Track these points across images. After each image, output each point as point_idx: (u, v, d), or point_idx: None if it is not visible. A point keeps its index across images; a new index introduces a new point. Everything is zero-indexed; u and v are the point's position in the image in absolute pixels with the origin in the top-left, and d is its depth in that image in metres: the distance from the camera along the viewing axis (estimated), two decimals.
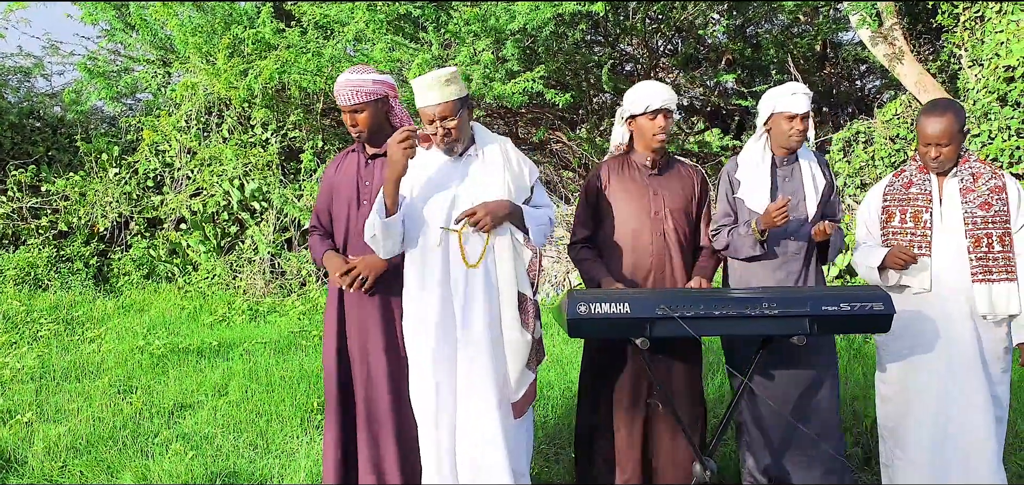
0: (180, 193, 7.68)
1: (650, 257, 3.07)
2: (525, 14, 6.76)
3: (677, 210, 3.09)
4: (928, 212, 2.93)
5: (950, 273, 2.88)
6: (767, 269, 3.10)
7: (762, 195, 3.07)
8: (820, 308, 2.65)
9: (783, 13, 8.74)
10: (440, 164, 2.71)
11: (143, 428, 4.08)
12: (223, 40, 7.29)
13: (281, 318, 6.33)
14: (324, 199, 3.02)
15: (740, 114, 9.11)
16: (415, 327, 2.69)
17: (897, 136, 7.58)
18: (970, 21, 6.59)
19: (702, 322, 2.65)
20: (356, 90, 2.79)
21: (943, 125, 2.81)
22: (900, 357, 3.01)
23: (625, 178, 3.11)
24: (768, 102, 3.10)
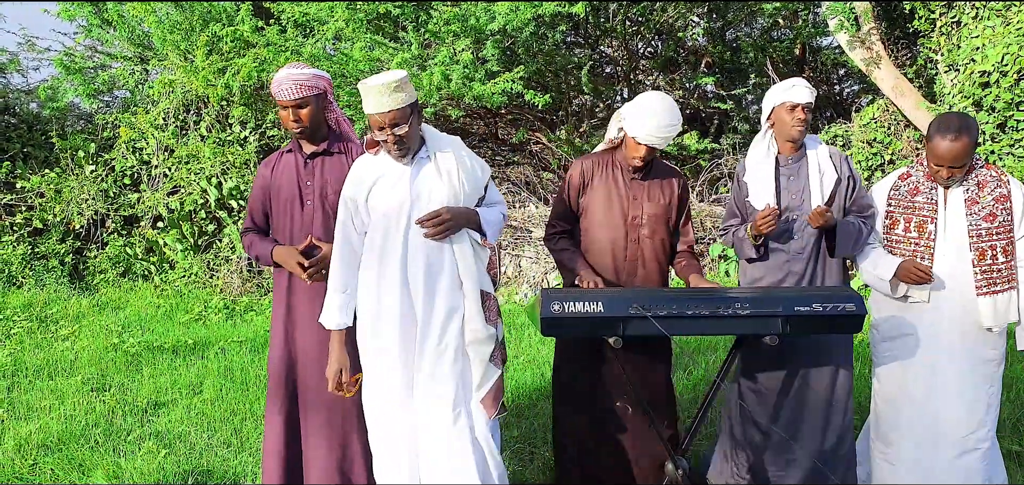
0: (157, 191, 7.60)
1: (623, 261, 3.08)
2: (505, 14, 6.77)
3: (655, 216, 3.09)
4: (933, 223, 2.92)
5: (949, 283, 2.89)
6: (771, 270, 3.13)
7: (767, 195, 3.09)
8: (793, 308, 2.67)
9: (762, 17, 8.82)
10: (393, 168, 2.63)
11: (116, 426, 4.04)
12: (201, 37, 7.24)
13: (258, 317, 6.28)
14: (259, 199, 2.98)
15: (719, 117, 9.18)
16: (372, 327, 2.62)
17: (874, 140, 7.68)
18: (946, 26, 6.69)
19: (675, 321, 2.66)
20: (298, 84, 2.76)
21: (959, 148, 2.75)
22: (891, 358, 3.05)
23: (607, 178, 3.11)
24: (770, 98, 3.11)
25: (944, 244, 2.91)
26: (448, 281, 2.61)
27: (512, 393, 4.34)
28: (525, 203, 8.48)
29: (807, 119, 3.08)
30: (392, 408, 2.61)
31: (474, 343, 2.65)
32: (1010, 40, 5.93)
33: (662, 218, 3.11)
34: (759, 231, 2.98)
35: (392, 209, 2.58)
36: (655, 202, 3.10)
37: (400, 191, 2.60)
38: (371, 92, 2.48)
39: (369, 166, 2.66)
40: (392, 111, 2.49)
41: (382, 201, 2.60)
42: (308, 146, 2.90)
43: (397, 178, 2.61)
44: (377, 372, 2.63)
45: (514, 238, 7.75)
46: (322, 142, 2.89)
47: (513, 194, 8.75)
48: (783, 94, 3.07)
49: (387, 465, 2.64)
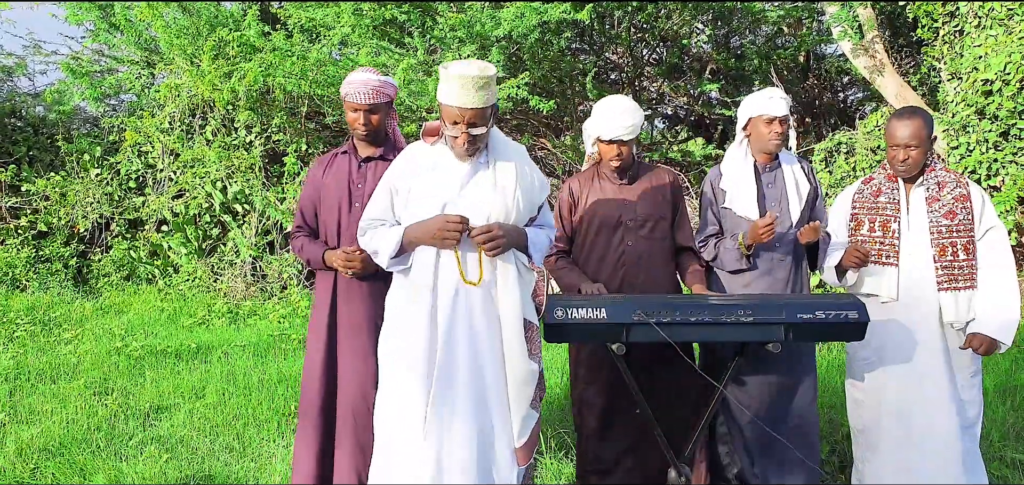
0: (162, 195, 7.62)
1: (623, 265, 3.09)
2: (511, 21, 6.78)
3: (650, 215, 3.10)
4: (896, 221, 2.97)
5: (917, 281, 2.92)
6: (752, 278, 3.12)
7: (749, 202, 3.10)
8: (795, 316, 2.67)
9: (767, 24, 8.82)
10: (447, 163, 2.47)
11: (118, 430, 4.04)
12: (208, 42, 7.26)
13: (261, 321, 6.29)
14: (310, 199, 2.96)
15: (723, 123, 9.18)
16: (395, 340, 2.48)
17: (878, 148, 7.66)
18: (949, 35, 6.68)
19: (678, 328, 2.66)
20: (373, 89, 2.78)
21: (911, 129, 2.86)
22: (869, 363, 3.05)
23: (596, 189, 3.13)
24: (746, 107, 3.13)
25: (909, 243, 2.94)
26: (485, 306, 2.45)
27: None
28: None
29: (784, 131, 3.10)
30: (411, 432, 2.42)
31: (515, 382, 2.48)
32: (1012, 49, 5.92)
33: (657, 216, 3.11)
34: (758, 240, 2.97)
35: (432, 209, 2.42)
36: (647, 200, 3.11)
37: (448, 189, 2.44)
38: (455, 81, 2.30)
39: (422, 155, 2.51)
40: (474, 109, 2.33)
41: (424, 197, 2.44)
42: (364, 149, 2.90)
43: (449, 175, 2.46)
44: (398, 386, 2.46)
45: None
46: (378, 147, 2.89)
47: None
48: (761, 106, 3.08)
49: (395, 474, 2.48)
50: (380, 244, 2.50)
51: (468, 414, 2.43)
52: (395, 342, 2.50)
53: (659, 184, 3.15)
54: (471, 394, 2.44)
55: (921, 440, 2.89)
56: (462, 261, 2.43)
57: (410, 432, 2.42)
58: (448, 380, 2.42)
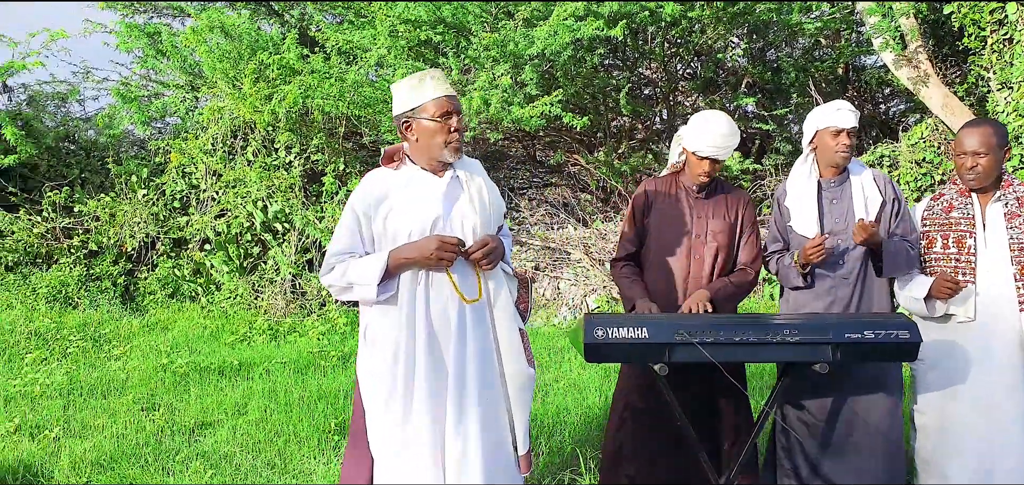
0: (205, 214, 7.80)
1: (687, 280, 3.06)
2: (544, 39, 6.82)
3: (719, 233, 3.08)
4: (971, 237, 2.86)
5: (996, 300, 2.82)
6: (816, 295, 3.08)
7: (809, 221, 3.05)
8: (843, 336, 2.61)
9: (804, 36, 8.72)
10: (421, 183, 2.46)
11: (165, 445, 4.12)
12: (249, 66, 7.44)
13: (301, 338, 6.37)
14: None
15: (760, 137, 9.08)
16: (389, 367, 2.41)
17: (923, 160, 7.50)
18: (998, 43, 6.53)
19: (722, 348, 2.62)
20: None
21: (979, 136, 2.80)
22: (938, 387, 2.94)
23: (671, 200, 3.13)
24: (813, 120, 3.09)
25: (986, 259, 2.84)
26: (480, 319, 2.47)
27: (553, 418, 4.32)
28: (563, 224, 8.48)
29: (852, 144, 3.04)
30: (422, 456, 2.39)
31: (516, 389, 2.52)
32: None
33: (727, 235, 3.09)
34: (808, 260, 2.93)
35: (421, 227, 2.40)
36: (719, 219, 3.09)
37: (431, 208, 2.42)
38: (436, 77, 2.41)
39: (387, 179, 2.47)
40: (456, 98, 2.43)
41: (407, 219, 2.41)
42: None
43: (428, 194, 2.44)
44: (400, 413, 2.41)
45: (553, 260, 7.75)
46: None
47: (551, 215, 8.76)
48: (827, 118, 3.03)
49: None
50: (360, 275, 2.39)
51: (484, 429, 2.44)
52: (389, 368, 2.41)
53: (734, 203, 3.14)
54: (484, 410, 2.46)
55: (999, 471, 2.79)
56: (456, 280, 2.43)
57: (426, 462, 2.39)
58: (461, 401, 2.42)
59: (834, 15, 8.17)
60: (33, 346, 6.03)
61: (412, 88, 2.42)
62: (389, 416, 2.42)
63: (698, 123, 2.98)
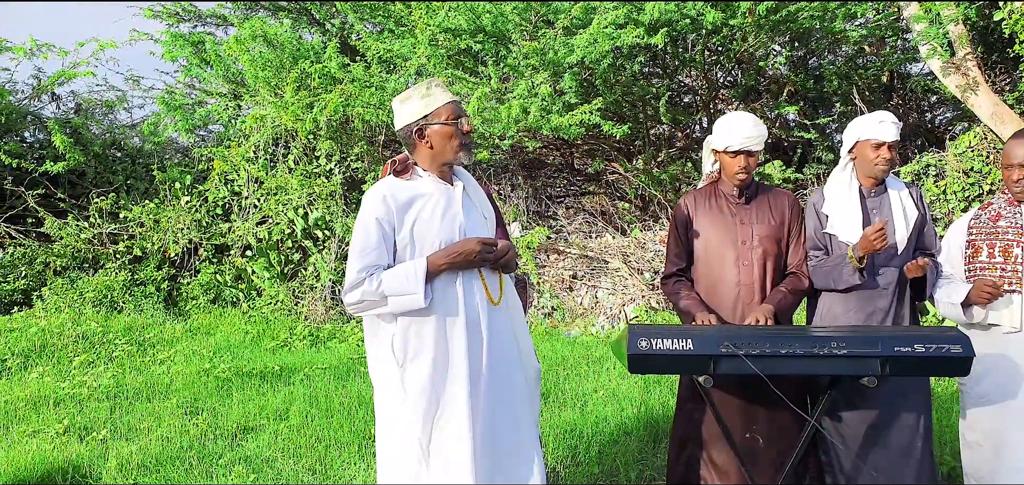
0: (247, 221, 7.93)
1: (737, 287, 3.02)
2: (584, 47, 6.81)
3: (766, 237, 3.04)
4: (1019, 246, 2.81)
5: None
6: (854, 304, 3.01)
7: (854, 225, 2.99)
8: (892, 349, 2.56)
9: (847, 44, 8.57)
10: (436, 192, 2.49)
11: (208, 449, 4.19)
12: (291, 74, 7.56)
13: (341, 345, 6.44)
14: None
15: (802, 146, 8.94)
16: (430, 384, 2.40)
17: (971, 169, 7.30)
18: None
19: (768, 360, 2.58)
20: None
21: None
22: (988, 401, 2.86)
23: (713, 209, 3.10)
24: (854, 130, 3.04)
25: None
26: (504, 319, 2.55)
27: (592, 428, 4.29)
28: (601, 233, 8.44)
29: (892, 158, 2.99)
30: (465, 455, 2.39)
31: (530, 382, 2.64)
32: None
33: (774, 238, 3.05)
34: (872, 247, 2.83)
35: (451, 233, 2.45)
36: (764, 223, 3.05)
37: (454, 215, 2.48)
38: (437, 84, 2.51)
39: (404, 189, 2.46)
40: (460, 102, 2.52)
41: (434, 225, 2.44)
42: None
43: (444, 201, 2.49)
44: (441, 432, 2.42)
45: (591, 269, 7.71)
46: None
47: (590, 223, 8.72)
48: (869, 130, 2.98)
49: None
50: (400, 284, 2.35)
51: (519, 423, 2.53)
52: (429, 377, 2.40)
53: (777, 205, 3.10)
54: (518, 408, 2.55)
55: None
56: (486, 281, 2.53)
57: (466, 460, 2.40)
58: (500, 398, 2.49)
59: (879, 22, 8.01)
60: (81, 349, 6.18)
61: (422, 97, 2.48)
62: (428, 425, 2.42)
63: (723, 124, 2.99)
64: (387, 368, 2.44)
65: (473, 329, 2.46)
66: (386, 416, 2.48)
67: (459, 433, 2.41)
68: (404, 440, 2.41)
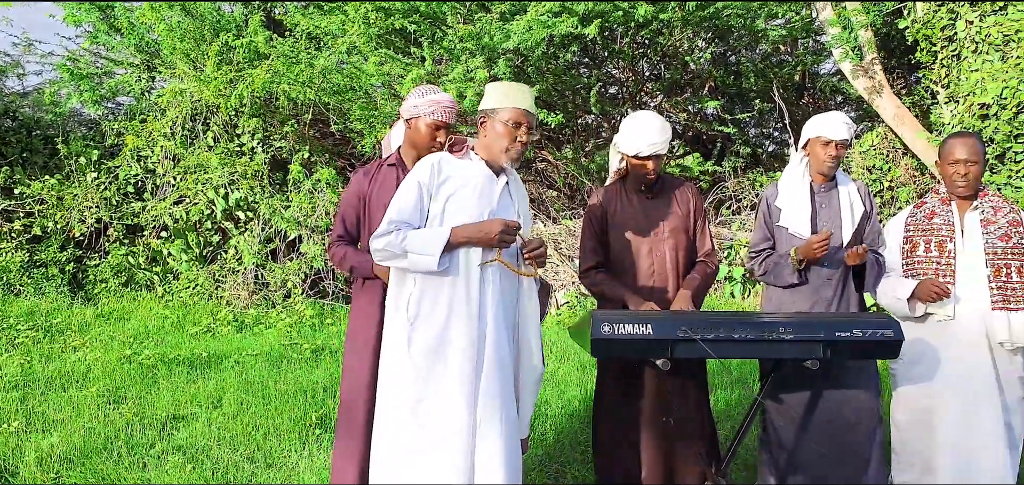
0: (163, 200, 7.54)
1: (654, 277, 3.14)
2: (520, 34, 6.83)
3: (675, 228, 3.17)
4: (952, 242, 3.04)
5: (971, 301, 2.99)
6: (801, 295, 3.17)
7: (803, 220, 3.16)
8: (834, 334, 2.72)
9: (765, 42, 8.96)
10: (479, 178, 2.61)
11: (136, 439, 4.00)
12: (212, 47, 7.23)
13: (268, 330, 6.25)
14: (354, 207, 2.99)
15: (721, 140, 9.30)
16: (437, 346, 2.51)
17: (874, 167, 7.82)
18: (947, 59, 6.84)
19: (722, 345, 2.71)
20: (453, 110, 2.93)
21: (970, 146, 2.99)
22: (918, 382, 3.09)
23: (624, 204, 3.20)
24: (808, 129, 3.21)
25: (964, 263, 3.01)
26: (508, 310, 2.62)
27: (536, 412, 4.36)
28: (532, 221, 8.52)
29: (840, 155, 3.16)
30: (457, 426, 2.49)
31: (530, 380, 2.69)
32: (1009, 75, 6.09)
33: (682, 228, 3.18)
34: (812, 255, 3.02)
35: (478, 214, 2.55)
36: (672, 214, 3.18)
37: (487, 202, 2.59)
38: (520, 88, 2.61)
39: (452, 163, 2.62)
40: (533, 115, 2.62)
41: (467, 204, 2.56)
42: (413, 164, 2.91)
43: (487, 190, 2.61)
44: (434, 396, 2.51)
45: None
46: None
47: None
48: (821, 128, 3.16)
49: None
50: (422, 244, 2.49)
51: (508, 405, 2.58)
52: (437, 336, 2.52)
53: (682, 196, 3.23)
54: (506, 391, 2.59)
55: (975, 464, 2.93)
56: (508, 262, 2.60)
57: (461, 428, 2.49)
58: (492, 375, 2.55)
59: (796, 23, 8.42)
60: None
61: (501, 91, 2.61)
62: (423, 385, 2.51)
63: (630, 128, 3.07)
64: (399, 323, 2.55)
65: (483, 312, 2.54)
66: (389, 368, 2.57)
67: (452, 400, 2.50)
68: (400, 395, 2.51)
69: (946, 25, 6.75)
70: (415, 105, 2.89)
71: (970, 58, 6.59)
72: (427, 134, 2.89)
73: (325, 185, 7.36)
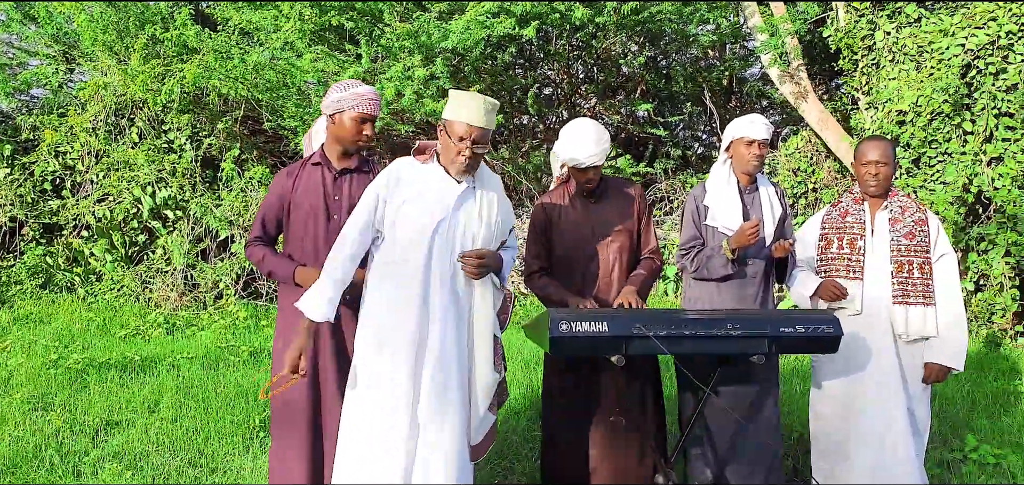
0: (87, 198, 7.20)
1: (599, 279, 3.21)
2: (459, 34, 6.83)
3: (619, 231, 3.24)
4: (862, 239, 3.24)
5: (878, 296, 3.19)
6: (727, 291, 3.31)
7: (734, 216, 3.28)
8: (778, 330, 2.86)
9: (696, 47, 9.23)
10: (437, 185, 2.62)
11: (68, 447, 3.82)
12: (139, 40, 6.95)
13: (202, 332, 6.06)
14: (275, 208, 2.94)
15: (653, 142, 9.53)
16: (377, 343, 2.55)
17: (798, 169, 8.17)
18: (867, 67, 7.23)
19: (673, 341, 2.80)
20: (377, 103, 2.88)
21: (881, 149, 3.19)
22: (836, 375, 3.28)
23: (568, 209, 3.25)
24: (730, 130, 3.34)
25: (872, 258, 3.22)
26: (461, 316, 2.63)
27: None
28: None
29: (763, 154, 3.31)
30: (396, 428, 2.53)
31: (481, 389, 2.69)
32: (924, 85, 6.48)
33: (626, 229, 3.26)
34: (746, 242, 3.15)
35: (426, 225, 2.56)
36: (616, 216, 3.25)
37: (439, 210, 2.58)
38: (472, 102, 2.55)
39: (414, 170, 2.64)
40: (481, 129, 2.56)
41: (417, 212, 2.57)
42: (340, 162, 2.89)
43: (441, 196, 2.60)
44: (381, 389, 2.55)
45: None
46: (353, 159, 2.91)
47: None
48: (742, 129, 3.30)
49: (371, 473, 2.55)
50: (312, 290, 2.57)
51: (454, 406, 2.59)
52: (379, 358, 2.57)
53: (626, 197, 3.31)
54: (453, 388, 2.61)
55: (884, 450, 3.12)
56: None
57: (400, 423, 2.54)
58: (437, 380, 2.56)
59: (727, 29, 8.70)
60: None
61: (453, 103, 2.59)
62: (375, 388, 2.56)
63: (569, 139, 3.10)
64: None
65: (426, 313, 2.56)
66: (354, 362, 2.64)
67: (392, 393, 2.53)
68: (353, 386, 2.61)
69: (866, 35, 7.13)
70: (337, 99, 2.83)
71: (888, 67, 6.98)
72: (352, 128, 2.84)
73: (258, 183, 7.18)
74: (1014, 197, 6.14)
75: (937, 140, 6.51)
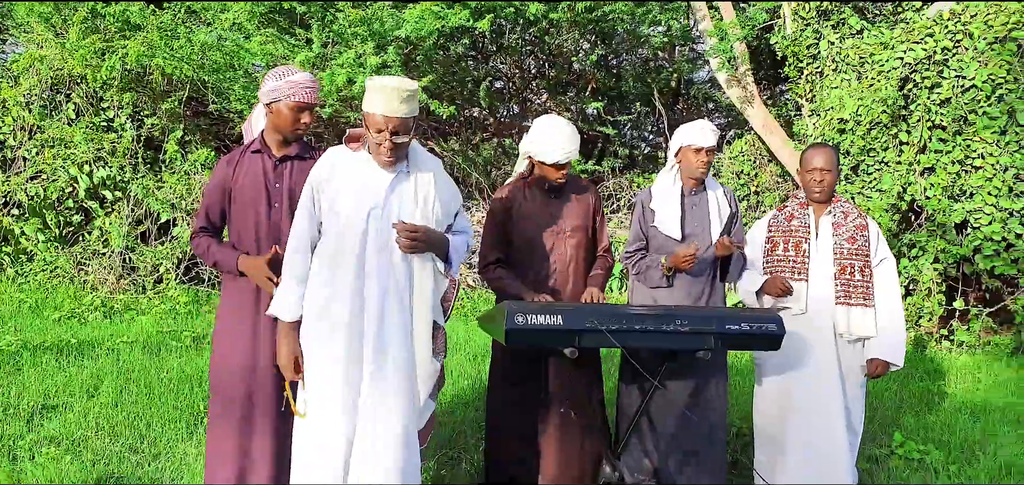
0: (18, 175, 6.90)
1: (556, 273, 3.27)
2: (413, 23, 6.80)
3: (577, 226, 3.31)
4: (807, 242, 3.38)
5: (821, 297, 3.33)
6: (675, 289, 3.40)
7: (674, 222, 3.38)
8: (724, 327, 2.95)
9: (647, 48, 9.39)
10: (369, 172, 2.58)
11: (1, 430, 3.68)
12: (78, 13, 6.69)
13: (142, 317, 5.89)
14: (216, 199, 2.88)
15: (602, 141, 9.65)
16: (316, 330, 2.54)
17: (742, 172, 8.41)
18: (812, 75, 7.49)
19: (624, 335, 2.88)
20: (315, 90, 2.80)
21: (826, 157, 3.34)
22: (777, 372, 3.41)
23: (528, 202, 3.30)
24: (678, 137, 3.43)
25: (817, 261, 3.36)
26: (401, 302, 2.58)
27: None
28: None
29: (709, 161, 3.42)
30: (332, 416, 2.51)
31: (422, 373, 2.65)
32: (864, 95, 6.76)
33: (583, 226, 3.33)
34: (678, 266, 3.25)
35: (358, 213, 2.52)
36: (574, 213, 3.32)
37: (371, 197, 2.54)
38: (383, 91, 2.44)
39: (345, 160, 2.59)
40: (399, 118, 2.46)
41: (349, 201, 2.54)
42: (279, 149, 2.84)
43: (371, 183, 2.56)
44: (318, 376, 2.54)
45: None
46: (293, 146, 2.86)
47: None
48: (691, 136, 3.39)
49: (314, 467, 2.54)
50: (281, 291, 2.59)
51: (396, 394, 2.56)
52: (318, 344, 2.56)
53: (583, 196, 3.38)
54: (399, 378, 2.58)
55: (819, 446, 3.27)
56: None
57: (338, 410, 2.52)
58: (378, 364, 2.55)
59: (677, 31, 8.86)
60: None
61: (373, 92, 2.49)
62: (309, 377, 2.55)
63: (544, 134, 3.16)
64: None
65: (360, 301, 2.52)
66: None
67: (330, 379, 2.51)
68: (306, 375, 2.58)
69: (812, 44, 7.39)
70: (273, 88, 2.76)
71: (831, 76, 7.25)
72: (290, 117, 2.77)
73: (202, 166, 7.01)
74: (944, 207, 6.46)
75: (875, 149, 6.79)
